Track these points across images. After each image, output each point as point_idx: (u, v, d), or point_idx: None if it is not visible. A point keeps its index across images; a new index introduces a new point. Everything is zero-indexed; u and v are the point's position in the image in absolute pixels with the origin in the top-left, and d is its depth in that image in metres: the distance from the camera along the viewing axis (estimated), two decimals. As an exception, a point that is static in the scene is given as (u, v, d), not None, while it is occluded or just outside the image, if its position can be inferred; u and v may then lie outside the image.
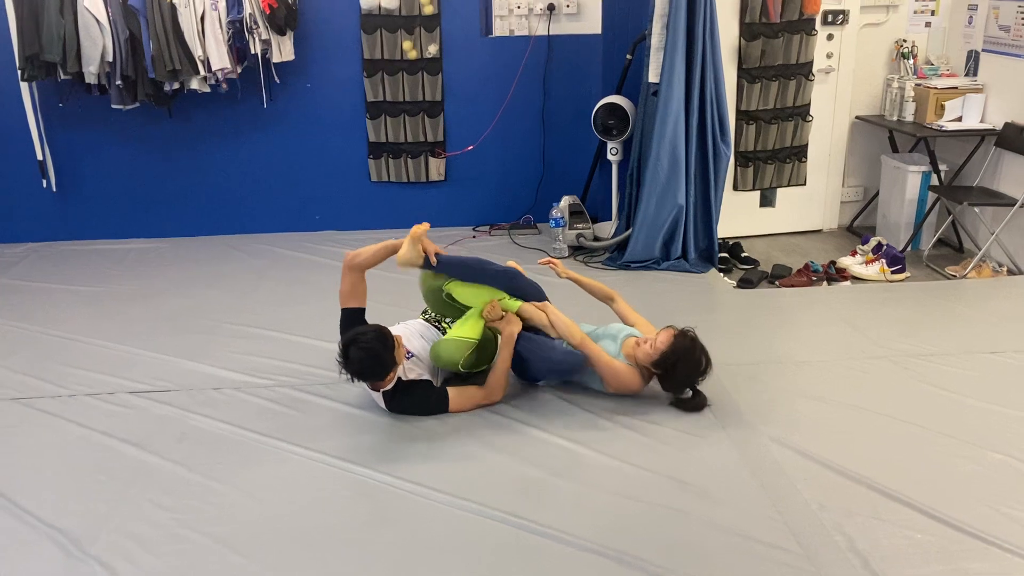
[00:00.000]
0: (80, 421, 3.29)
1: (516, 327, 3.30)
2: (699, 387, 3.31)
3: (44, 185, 5.44)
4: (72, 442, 3.15)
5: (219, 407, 3.39)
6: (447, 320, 3.54)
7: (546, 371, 3.40)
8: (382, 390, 3.21)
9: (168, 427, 3.24)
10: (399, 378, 3.21)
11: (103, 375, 3.67)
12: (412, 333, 3.44)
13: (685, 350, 3.19)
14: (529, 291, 3.43)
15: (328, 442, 3.10)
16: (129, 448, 3.09)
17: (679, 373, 3.23)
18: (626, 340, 3.37)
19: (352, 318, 3.34)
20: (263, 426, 3.23)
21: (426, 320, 3.58)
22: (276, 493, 2.81)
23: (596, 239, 5.28)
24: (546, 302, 3.43)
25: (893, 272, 4.76)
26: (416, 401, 3.25)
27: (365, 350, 3.01)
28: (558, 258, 5.13)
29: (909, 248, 5.20)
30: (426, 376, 3.32)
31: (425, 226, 3.31)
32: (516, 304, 3.36)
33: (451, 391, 3.27)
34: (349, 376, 3.07)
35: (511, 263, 3.54)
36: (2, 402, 3.46)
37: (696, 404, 3.29)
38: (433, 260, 3.33)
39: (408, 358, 3.30)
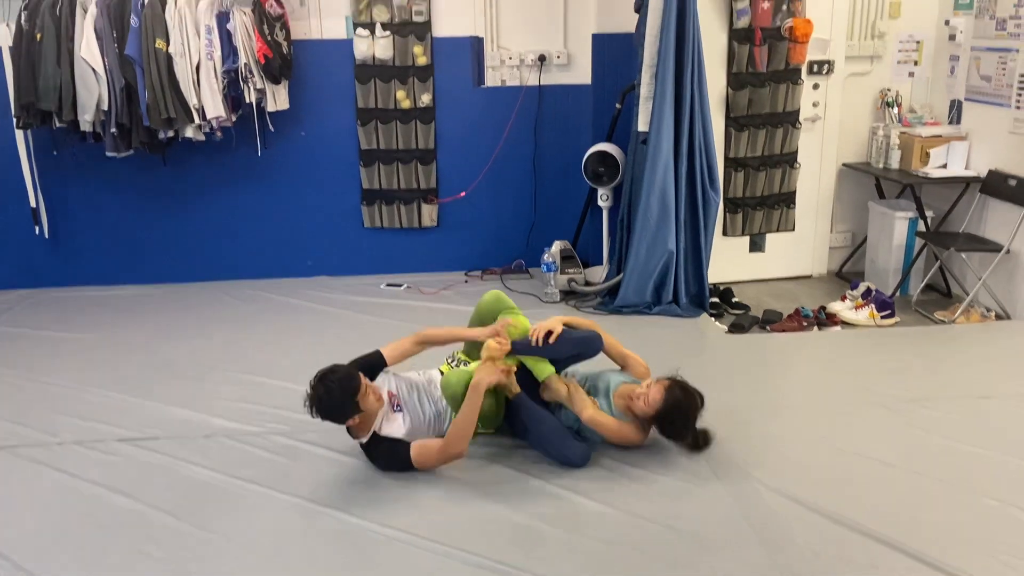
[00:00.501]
0: (68, 470, 3.25)
1: (488, 376, 3.12)
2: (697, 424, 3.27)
3: (37, 232, 5.45)
4: (60, 491, 3.12)
5: (209, 455, 3.36)
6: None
7: (539, 447, 3.30)
8: (358, 440, 3.17)
9: (158, 475, 3.21)
10: (374, 432, 3.14)
11: (93, 423, 3.65)
12: (409, 387, 3.33)
13: (678, 402, 3.16)
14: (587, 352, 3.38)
15: (317, 490, 3.08)
16: (118, 497, 3.06)
17: (677, 424, 3.21)
18: (618, 390, 3.32)
19: (367, 362, 3.28)
20: (253, 474, 3.20)
21: (448, 365, 3.47)
22: (265, 541, 2.78)
23: (587, 284, 5.31)
24: (571, 380, 3.34)
25: (883, 317, 4.79)
26: (383, 454, 3.16)
27: (327, 389, 2.95)
28: (549, 303, 5.16)
29: (898, 293, 5.24)
30: (402, 436, 3.19)
31: (505, 347, 3.24)
32: (547, 370, 3.28)
33: (412, 446, 3.14)
34: (311, 410, 3.01)
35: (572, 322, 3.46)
36: (-10, 451, 3.42)
37: (702, 443, 3.28)
38: (511, 394, 3.24)
39: (396, 410, 3.23)
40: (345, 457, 3.31)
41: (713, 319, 4.91)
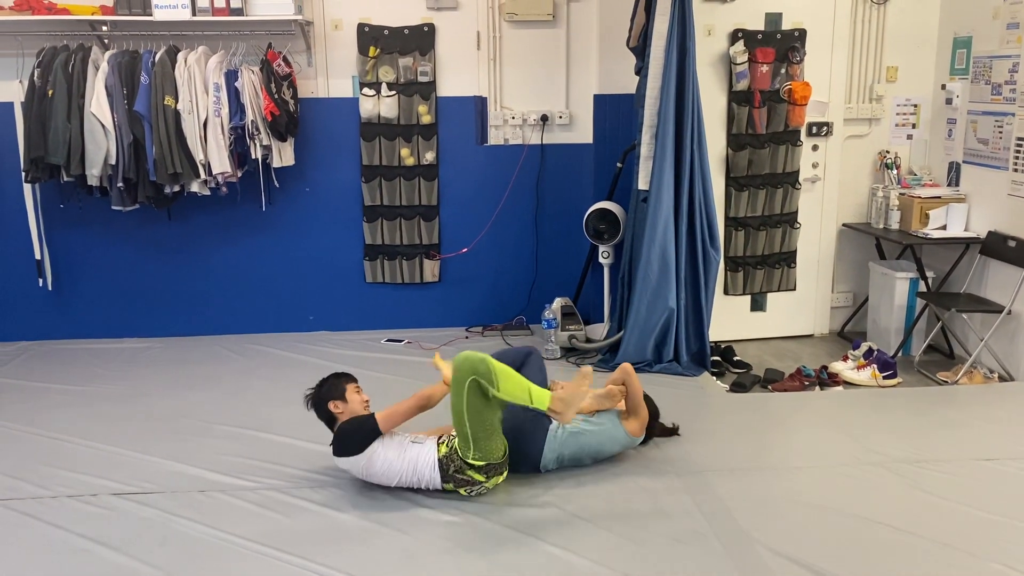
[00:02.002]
0: (61, 524, 3.22)
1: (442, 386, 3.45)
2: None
3: (40, 284, 5.48)
4: (51, 545, 3.08)
5: (203, 510, 3.32)
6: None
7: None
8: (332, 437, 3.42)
9: (150, 530, 3.17)
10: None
11: (87, 476, 3.61)
12: (402, 444, 3.42)
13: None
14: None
15: (311, 548, 3.03)
16: (109, 552, 3.02)
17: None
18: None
19: (366, 423, 3.37)
20: (247, 530, 3.16)
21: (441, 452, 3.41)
22: (257, 601, 2.73)
23: (588, 340, 5.30)
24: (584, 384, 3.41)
25: (885, 377, 4.77)
26: (348, 430, 3.35)
27: (325, 379, 3.48)
28: (550, 359, 5.15)
29: (900, 353, 5.22)
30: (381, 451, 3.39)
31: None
32: (545, 397, 3.28)
33: (378, 413, 3.38)
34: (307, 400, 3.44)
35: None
36: (-18, 503, 3.39)
37: (663, 428, 3.85)
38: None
39: (402, 438, 3.43)
40: (340, 514, 3.28)
41: (714, 378, 4.89)
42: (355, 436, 3.32)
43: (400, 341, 5.55)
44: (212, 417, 4.29)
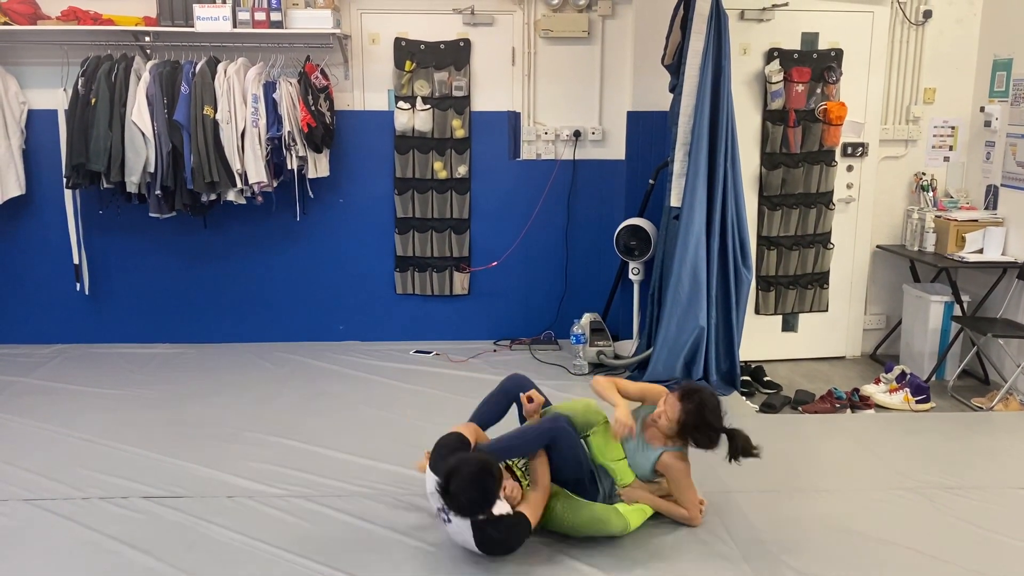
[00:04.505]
0: (91, 525, 3.26)
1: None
2: (730, 428, 3.20)
3: (77, 288, 5.57)
4: (81, 546, 3.12)
5: (231, 515, 3.35)
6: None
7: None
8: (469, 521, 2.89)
9: (179, 534, 3.21)
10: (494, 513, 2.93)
11: (119, 479, 3.66)
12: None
13: (699, 405, 3.14)
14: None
15: (337, 556, 3.05)
16: (138, 555, 3.06)
17: (705, 427, 3.16)
18: (644, 424, 3.31)
19: (455, 443, 3.10)
20: (273, 537, 3.18)
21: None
22: (282, 607, 2.75)
23: (617, 357, 5.28)
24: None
25: (918, 402, 4.70)
26: (506, 535, 2.93)
27: (469, 481, 2.75)
28: (578, 375, 5.14)
29: (933, 378, 5.14)
30: (508, 509, 2.99)
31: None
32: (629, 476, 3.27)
33: (527, 512, 2.99)
34: (444, 514, 2.85)
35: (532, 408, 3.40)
36: (15, 503, 3.45)
37: (743, 446, 3.17)
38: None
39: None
40: (366, 523, 3.29)
41: (744, 398, 4.85)
42: (516, 546, 2.99)
43: (428, 353, 5.57)
44: (241, 424, 4.33)
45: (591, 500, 3.20)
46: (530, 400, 3.40)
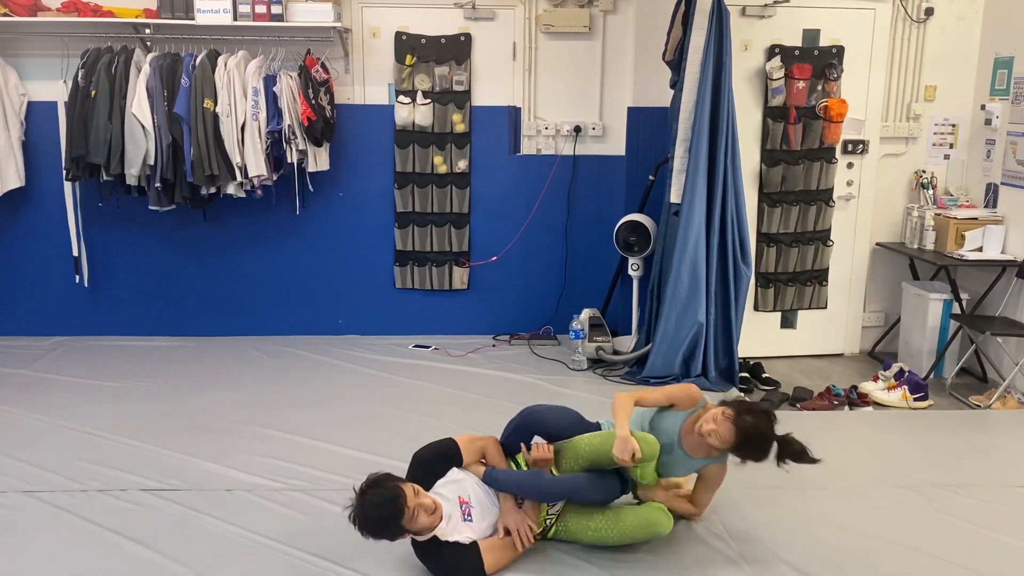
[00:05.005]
0: (89, 517, 3.27)
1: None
2: (783, 435, 3.03)
3: (76, 280, 5.57)
4: (80, 538, 3.13)
5: (229, 508, 3.35)
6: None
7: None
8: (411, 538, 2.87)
9: (177, 527, 3.21)
10: (434, 536, 2.85)
11: (118, 471, 3.67)
12: (474, 485, 3.04)
13: (752, 428, 2.96)
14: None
15: (335, 549, 3.05)
16: (136, 547, 3.06)
17: (756, 450, 3.01)
18: (682, 433, 3.15)
19: (439, 454, 3.06)
20: (271, 530, 3.19)
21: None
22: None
23: (616, 352, 5.29)
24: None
25: (915, 399, 4.70)
26: (444, 566, 2.87)
27: (368, 507, 2.70)
28: (576, 370, 5.14)
29: (932, 375, 5.15)
30: (472, 538, 2.92)
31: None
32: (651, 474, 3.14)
33: (483, 551, 2.88)
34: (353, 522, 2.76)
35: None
36: (14, 494, 3.45)
37: (798, 453, 3.02)
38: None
39: (466, 519, 2.93)
40: (364, 517, 3.29)
41: (742, 394, 4.85)
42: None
43: (428, 347, 5.57)
44: (240, 417, 4.33)
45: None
46: (532, 447, 3.17)
